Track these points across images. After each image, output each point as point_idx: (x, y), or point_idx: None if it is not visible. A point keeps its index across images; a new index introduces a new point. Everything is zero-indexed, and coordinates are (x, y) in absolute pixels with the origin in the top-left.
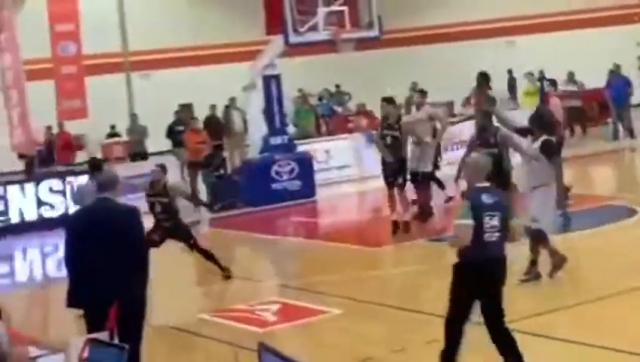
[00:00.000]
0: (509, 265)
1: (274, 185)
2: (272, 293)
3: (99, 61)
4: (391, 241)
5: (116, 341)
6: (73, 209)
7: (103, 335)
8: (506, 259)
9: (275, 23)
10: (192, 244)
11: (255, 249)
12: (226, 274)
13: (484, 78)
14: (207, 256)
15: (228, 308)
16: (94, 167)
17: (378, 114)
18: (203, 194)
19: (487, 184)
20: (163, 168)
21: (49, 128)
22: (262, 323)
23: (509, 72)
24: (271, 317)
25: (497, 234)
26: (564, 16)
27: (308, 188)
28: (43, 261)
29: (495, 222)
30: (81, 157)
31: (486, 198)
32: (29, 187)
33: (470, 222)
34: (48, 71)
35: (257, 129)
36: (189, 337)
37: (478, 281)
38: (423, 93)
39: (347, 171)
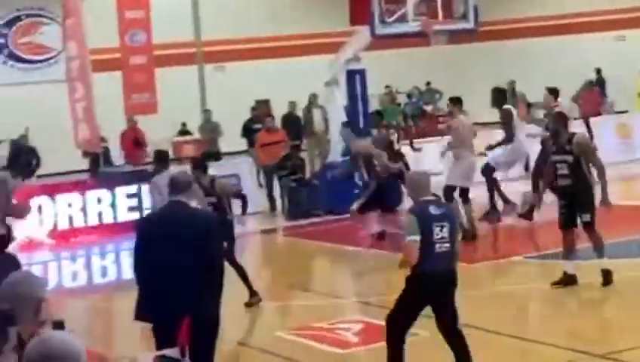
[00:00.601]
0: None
1: (357, 192)
2: (355, 311)
3: (170, 51)
4: (486, 257)
5: (187, 359)
6: None
7: (174, 352)
8: (455, 270)
9: (360, 12)
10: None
11: (335, 261)
12: (253, 302)
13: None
14: (241, 273)
15: (306, 325)
16: (161, 159)
17: (472, 114)
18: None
19: (432, 197)
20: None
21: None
22: (343, 344)
23: (598, 71)
24: (353, 337)
25: (447, 245)
26: None
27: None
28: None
29: (444, 233)
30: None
31: (434, 210)
32: None
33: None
34: (116, 61)
35: (339, 129)
36: (265, 357)
37: (430, 292)
38: (553, 91)
39: (437, 179)
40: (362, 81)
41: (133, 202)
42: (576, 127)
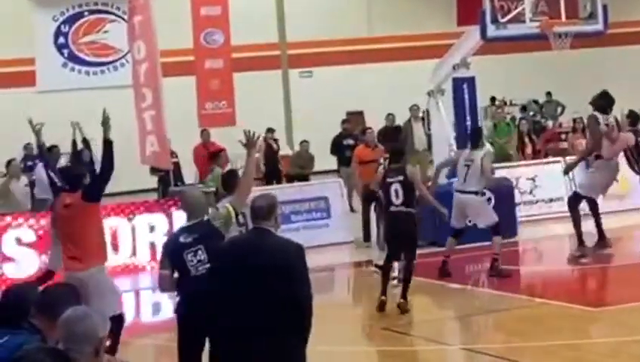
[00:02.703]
0: None
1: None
2: (459, 359)
3: (250, 54)
4: (616, 301)
5: None
6: None
7: None
8: None
9: (469, 10)
10: None
11: (437, 300)
12: None
13: None
14: None
15: None
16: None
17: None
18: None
19: (190, 223)
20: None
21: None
22: None
23: None
24: None
25: (207, 265)
26: None
27: (507, 226)
28: None
29: (201, 256)
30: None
31: (183, 238)
32: None
33: None
34: (189, 65)
35: (444, 146)
36: None
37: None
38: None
39: (558, 205)
40: (472, 91)
41: None
42: None
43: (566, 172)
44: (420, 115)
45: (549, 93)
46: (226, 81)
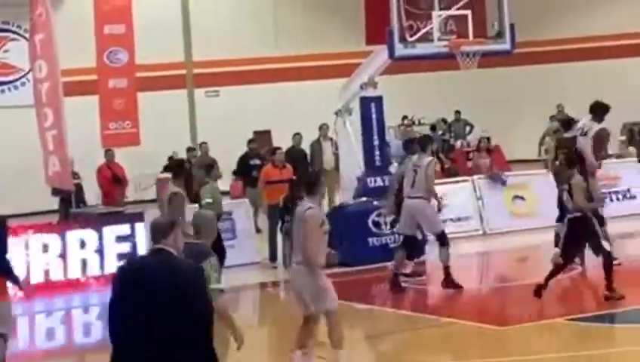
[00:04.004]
0: None
1: (371, 240)
2: None
3: (155, 73)
4: (522, 319)
5: None
6: None
7: None
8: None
9: (377, 30)
10: None
11: (344, 321)
12: None
13: None
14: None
15: None
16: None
17: (508, 148)
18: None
19: (197, 241)
20: None
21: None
22: None
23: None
24: None
25: None
26: None
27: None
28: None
29: None
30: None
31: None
32: None
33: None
34: (92, 84)
35: (352, 166)
36: None
37: None
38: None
39: (466, 225)
40: (379, 110)
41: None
42: (632, 166)
43: None
44: (329, 134)
45: (457, 112)
46: (130, 100)
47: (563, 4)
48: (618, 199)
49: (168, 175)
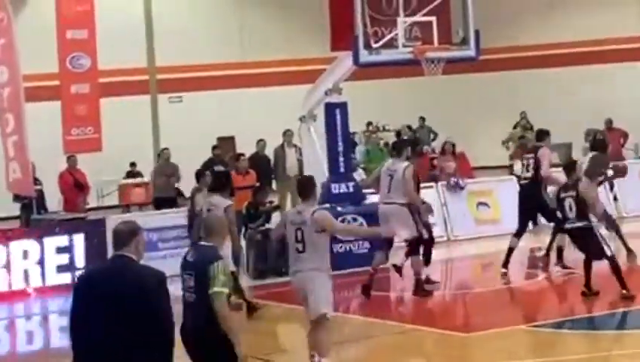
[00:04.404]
0: None
1: (335, 247)
2: None
3: (118, 79)
4: (486, 326)
5: None
6: None
7: None
8: (203, 322)
9: (342, 36)
10: None
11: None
12: None
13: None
14: None
15: None
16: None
17: (473, 155)
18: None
19: (205, 243)
20: None
21: None
22: None
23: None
24: None
25: (193, 295)
26: None
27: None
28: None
29: (191, 282)
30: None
31: (190, 256)
32: None
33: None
34: (54, 89)
35: (316, 172)
36: None
37: (185, 345)
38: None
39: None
40: (344, 117)
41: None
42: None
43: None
44: (294, 140)
45: (422, 118)
46: (92, 106)
47: (527, 11)
48: None
49: (130, 181)
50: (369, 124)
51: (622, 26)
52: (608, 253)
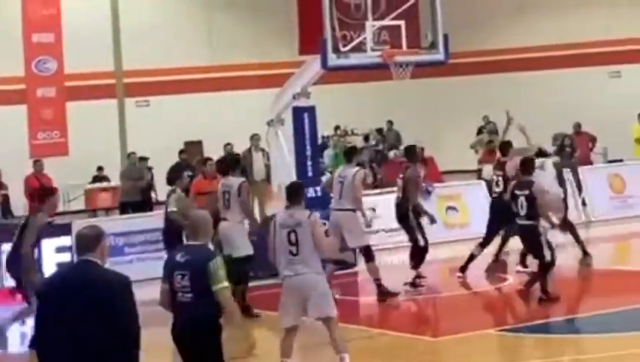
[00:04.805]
0: None
1: None
2: None
3: (84, 82)
4: (454, 330)
5: None
6: None
7: None
8: (201, 320)
9: (310, 39)
10: None
11: (277, 333)
12: None
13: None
14: None
15: None
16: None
17: (442, 159)
18: None
19: (192, 242)
20: None
21: None
22: None
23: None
24: None
25: (189, 295)
26: None
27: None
28: None
29: (185, 282)
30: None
31: (179, 257)
32: None
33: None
34: (20, 93)
35: (284, 176)
36: None
37: (179, 344)
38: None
39: (398, 235)
40: (312, 121)
41: None
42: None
43: None
44: (261, 144)
45: (389, 122)
46: (58, 110)
47: (496, 15)
48: None
49: (97, 185)
50: (337, 128)
51: (590, 30)
52: (545, 257)
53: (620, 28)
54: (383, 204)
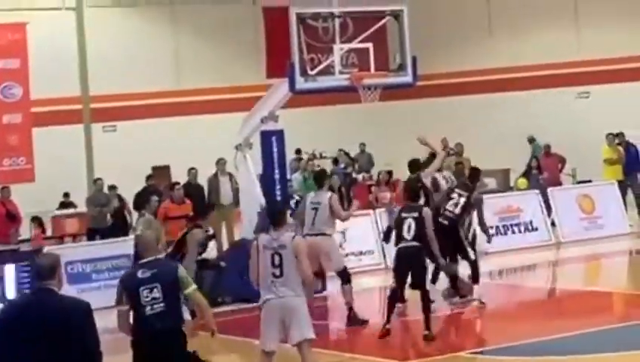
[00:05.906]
0: None
1: None
2: None
3: (50, 108)
4: (424, 353)
5: None
6: None
7: None
8: (175, 328)
9: (278, 62)
10: None
11: (247, 359)
12: None
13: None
14: None
15: None
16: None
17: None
18: None
19: (150, 258)
20: None
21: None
22: None
23: (530, 140)
24: None
25: (161, 304)
26: None
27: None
28: None
29: (156, 294)
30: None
31: (141, 273)
32: None
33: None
34: None
35: (252, 201)
36: None
37: (147, 357)
38: None
39: (368, 259)
40: (280, 144)
41: None
42: (533, 198)
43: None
44: (227, 169)
45: (362, 145)
46: (24, 136)
47: (463, 38)
48: (520, 231)
49: (63, 211)
50: (298, 151)
51: (559, 51)
52: (426, 285)
53: (589, 49)
54: (352, 227)
